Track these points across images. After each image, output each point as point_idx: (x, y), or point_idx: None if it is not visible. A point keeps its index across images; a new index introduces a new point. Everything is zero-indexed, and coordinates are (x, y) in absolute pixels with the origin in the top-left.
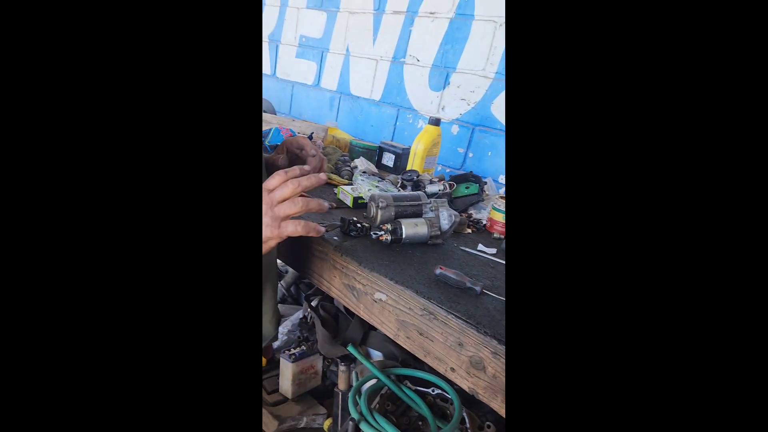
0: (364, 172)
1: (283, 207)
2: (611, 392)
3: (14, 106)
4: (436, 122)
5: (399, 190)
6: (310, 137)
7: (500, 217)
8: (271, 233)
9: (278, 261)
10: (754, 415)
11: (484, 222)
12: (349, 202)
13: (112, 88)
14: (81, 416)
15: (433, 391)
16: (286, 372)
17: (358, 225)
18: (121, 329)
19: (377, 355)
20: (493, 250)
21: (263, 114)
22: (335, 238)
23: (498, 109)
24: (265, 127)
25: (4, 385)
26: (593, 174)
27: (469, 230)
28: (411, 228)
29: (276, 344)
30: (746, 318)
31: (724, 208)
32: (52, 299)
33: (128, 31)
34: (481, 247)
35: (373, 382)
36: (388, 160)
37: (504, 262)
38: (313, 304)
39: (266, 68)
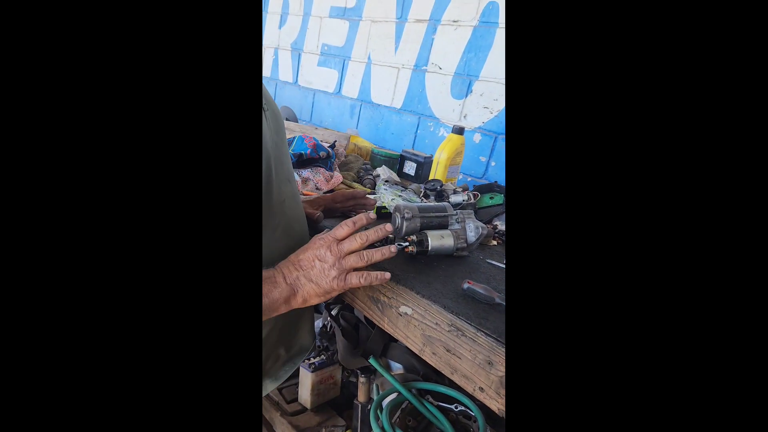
0: (386, 181)
1: (350, 260)
2: (609, 400)
3: (13, 108)
4: (459, 131)
5: (422, 200)
6: (333, 145)
7: None
8: (336, 285)
9: None
10: (754, 415)
11: None
12: (372, 211)
13: (110, 91)
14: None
15: (456, 407)
16: (306, 381)
17: None
18: (116, 331)
19: (397, 367)
20: None
21: (285, 122)
22: None
23: None
24: (288, 135)
25: (4, 386)
26: (592, 180)
27: (495, 242)
28: (437, 240)
29: None
30: (746, 322)
31: (723, 217)
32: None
33: (127, 32)
34: None
35: (394, 395)
36: (410, 168)
37: None
38: (333, 312)
39: (288, 76)
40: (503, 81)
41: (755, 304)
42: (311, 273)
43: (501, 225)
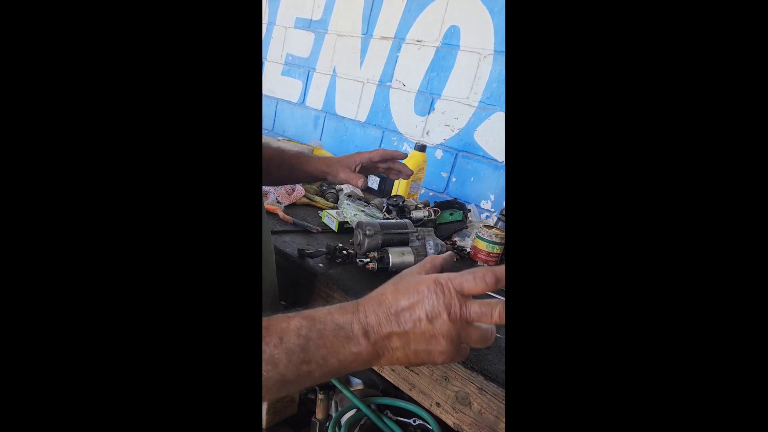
0: (349, 196)
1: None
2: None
3: (10, 107)
4: (422, 148)
5: (385, 216)
6: None
7: (484, 246)
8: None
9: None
10: (755, 415)
11: (468, 250)
12: (334, 226)
13: (109, 92)
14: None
15: (414, 421)
16: None
17: (344, 251)
18: (112, 332)
19: (357, 382)
20: None
21: None
22: (320, 265)
23: (481, 137)
24: None
25: (2, 387)
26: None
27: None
28: (398, 257)
29: None
30: (748, 324)
31: (723, 223)
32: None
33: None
34: None
35: (352, 412)
36: (373, 182)
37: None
38: None
39: None
40: (464, 101)
41: (755, 305)
42: (410, 336)
43: (460, 241)
